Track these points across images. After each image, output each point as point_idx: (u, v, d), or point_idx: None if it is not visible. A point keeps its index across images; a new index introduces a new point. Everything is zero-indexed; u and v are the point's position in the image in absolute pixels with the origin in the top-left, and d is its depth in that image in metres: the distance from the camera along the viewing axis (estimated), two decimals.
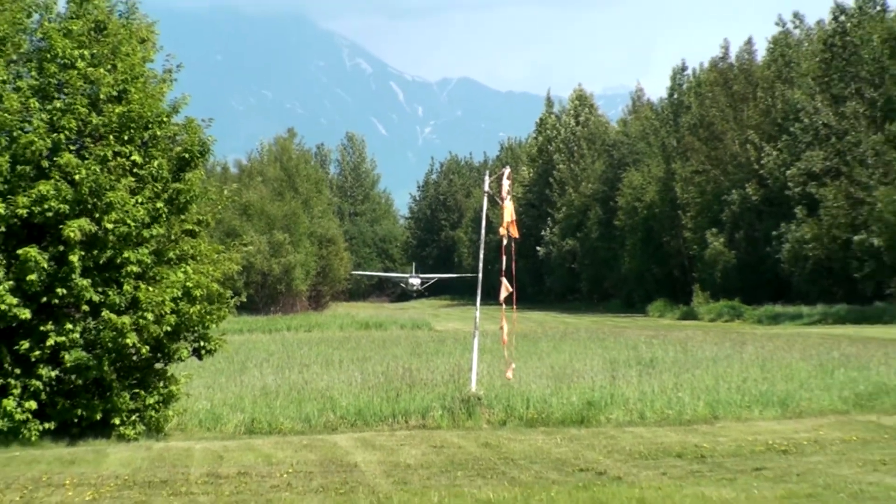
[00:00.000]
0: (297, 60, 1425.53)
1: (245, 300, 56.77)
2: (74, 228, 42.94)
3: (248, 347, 67.92)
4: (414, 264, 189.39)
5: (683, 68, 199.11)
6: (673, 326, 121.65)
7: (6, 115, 43.16)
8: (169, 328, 44.68)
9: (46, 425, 43.41)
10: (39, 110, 44.19)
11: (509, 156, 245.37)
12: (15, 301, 42.48)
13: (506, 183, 51.14)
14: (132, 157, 44.82)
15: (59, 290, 43.26)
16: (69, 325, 43.49)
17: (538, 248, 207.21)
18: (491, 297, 56.50)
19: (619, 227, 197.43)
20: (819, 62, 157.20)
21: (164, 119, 46.05)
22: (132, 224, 43.78)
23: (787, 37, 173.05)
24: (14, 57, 44.95)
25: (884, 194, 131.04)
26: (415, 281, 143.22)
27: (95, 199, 43.55)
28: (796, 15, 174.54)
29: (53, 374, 43.71)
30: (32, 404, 43.10)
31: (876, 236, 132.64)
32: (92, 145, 44.51)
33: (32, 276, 42.39)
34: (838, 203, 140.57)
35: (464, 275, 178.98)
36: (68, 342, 43.44)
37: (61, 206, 43.07)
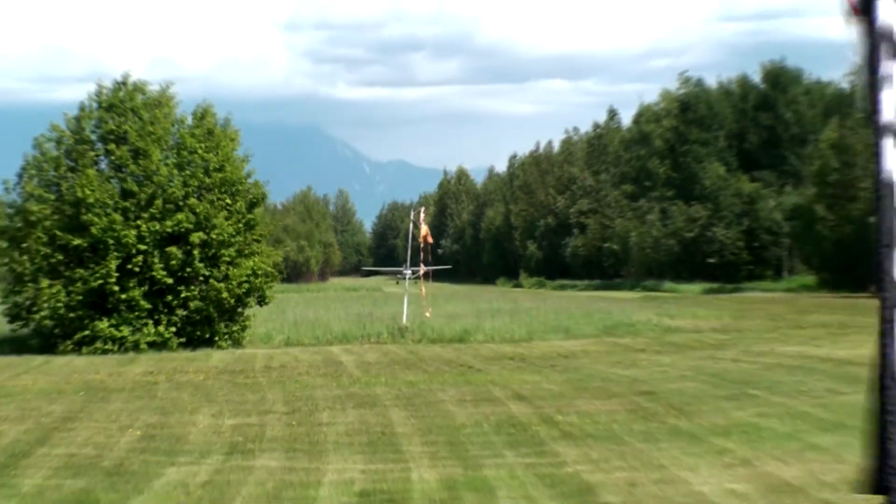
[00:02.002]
0: (313, 152, 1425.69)
1: (285, 276, 57.04)
2: (196, 237, 43.20)
3: (286, 300, 67.53)
4: (408, 262, 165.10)
5: (515, 155, 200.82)
6: (509, 291, 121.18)
7: (161, 177, 43.28)
8: (244, 290, 44.85)
9: (180, 340, 43.42)
10: (178, 175, 44.27)
11: (424, 200, 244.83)
12: (165, 274, 42.65)
13: (422, 214, 52.81)
14: (226, 201, 44.92)
15: (187, 269, 43.50)
16: (193, 288, 43.76)
17: (439, 249, 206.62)
18: (415, 275, 57.48)
19: (482, 238, 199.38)
20: (586, 152, 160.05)
21: (243, 180, 46.26)
22: (225, 235, 44.08)
23: (570, 139, 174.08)
24: (164, 147, 44.88)
25: (620, 224, 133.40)
26: (408, 272, 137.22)
27: (206, 222, 43.73)
28: (575, 128, 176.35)
29: (184, 313, 43.80)
30: (173, 329, 43.30)
31: (615, 245, 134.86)
32: (206, 194, 44.54)
33: (174, 262, 42.75)
34: (595, 227, 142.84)
35: (441, 267, 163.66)
36: (192, 297, 43.64)
37: (189, 225, 43.29)
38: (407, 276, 76.86)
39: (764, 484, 14.67)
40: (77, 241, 42.65)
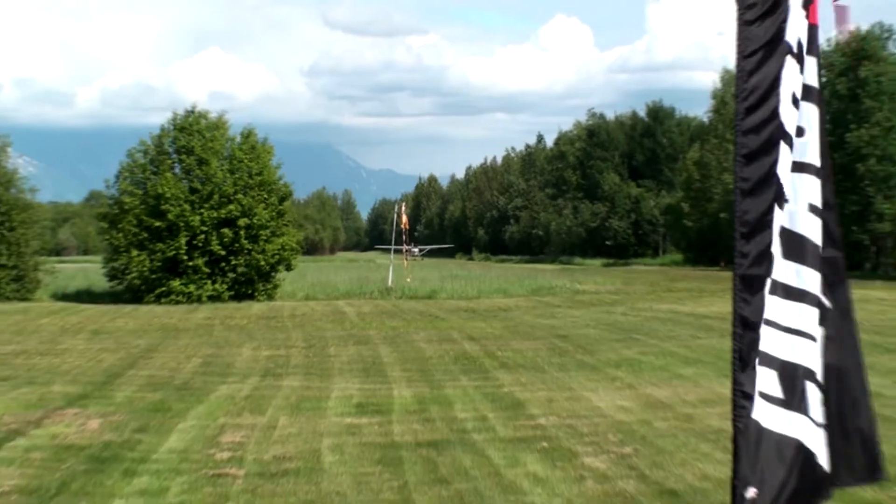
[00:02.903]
0: (326, 163, 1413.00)
1: (304, 250, 56.74)
2: (242, 222, 42.95)
3: (305, 268, 67.13)
4: (414, 240, 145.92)
5: (470, 166, 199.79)
6: (465, 264, 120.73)
7: (218, 179, 43.17)
8: (276, 260, 44.64)
9: (230, 294, 43.26)
10: (229, 177, 44.04)
11: (405, 198, 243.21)
12: (219, 247, 42.71)
13: (403, 208, 52.69)
14: (263, 196, 44.58)
15: (235, 244, 43.54)
16: (239, 257, 43.49)
17: (415, 233, 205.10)
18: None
19: (445, 225, 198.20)
20: (520, 165, 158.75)
21: (276, 182, 45.80)
22: (263, 220, 43.75)
23: (509, 155, 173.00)
24: (220, 158, 44.66)
25: (543, 216, 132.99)
26: (415, 250, 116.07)
27: (249, 211, 43.41)
28: (513, 148, 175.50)
29: (233, 275, 43.54)
30: (225, 286, 43.17)
31: (540, 231, 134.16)
32: (249, 191, 44.19)
33: (226, 239, 42.54)
34: (526, 218, 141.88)
35: (443, 246, 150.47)
36: (238, 264, 43.48)
37: (237, 213, 42.99)
38: (415, 253, 75.76)
39: (643, 402, 14.72)
40: (157, 224, 42.69)
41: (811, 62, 5.34)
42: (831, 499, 5.62)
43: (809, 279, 5.34)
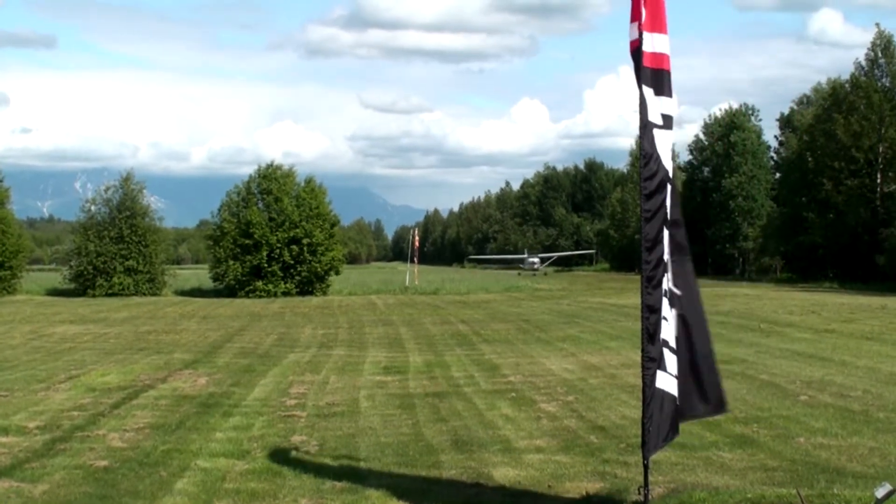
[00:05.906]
0: (362, 202, 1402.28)
1: (347, 261, 56.63)
2: (305, 241, 42.71)
3: (348, 273, 67.06)
4: (527, 251, 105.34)
5: (462, 203, 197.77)
6: (459, 270, 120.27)
7: (288, 211, 42.84)
8: (328, 267, 44.40)
9: (297, 290, 43.02)
10: (296, 210, 43.74)
11: (417, 225, 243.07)
12: (290, 258, 42.33)
13: (416, 233, 52.30)
14: (320, 223, 44.37)
15: (301, 256, 43.00)
16: (303, 265, 43.19)
17: (424, 249, 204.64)
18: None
19: (445, 244, 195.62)
20: (497, 202, 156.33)
21: (328, 213, 45.55)
22: (319, 240, 43.50)
23: (490, 195, 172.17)
24: (290, 196, 44.48)
25: (513, 237, 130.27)
26: (534, 260, 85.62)
27: (310, 233, 43.17)
28: (489, 190, 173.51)
29: (299, 278, 43.30)
30: (293, 285, 42.85)
31: (511, 248, 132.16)
32: (310, 219, 43.79)
33: (294, 253, 42.14)
34: (501, 239, 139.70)
35: (572, 252, 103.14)
36: (303, 270, 43.20)
37: (301, 234, 42.79)
38: (535, 266, 67.60)
39: (582, 365, 14.71)
40: (247, 242, 42.61)
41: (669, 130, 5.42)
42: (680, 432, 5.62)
43: (664, 278, 5.37)
